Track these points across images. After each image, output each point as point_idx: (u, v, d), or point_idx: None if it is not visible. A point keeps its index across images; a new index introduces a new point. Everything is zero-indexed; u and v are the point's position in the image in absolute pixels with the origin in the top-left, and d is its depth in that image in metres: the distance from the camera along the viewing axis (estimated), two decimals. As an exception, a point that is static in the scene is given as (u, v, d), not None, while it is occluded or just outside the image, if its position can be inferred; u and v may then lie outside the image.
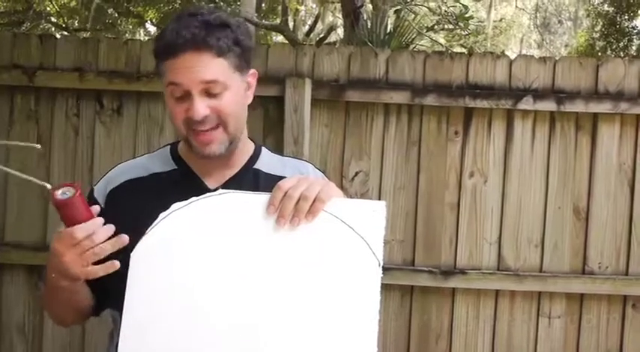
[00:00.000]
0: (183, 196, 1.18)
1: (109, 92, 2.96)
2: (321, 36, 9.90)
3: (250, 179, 1.37)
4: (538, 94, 2.92)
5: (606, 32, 10.81)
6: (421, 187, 2.97)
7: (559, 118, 2.96)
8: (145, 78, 2.89)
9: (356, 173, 2.98)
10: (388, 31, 5.11)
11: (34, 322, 2.98)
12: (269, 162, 1.41)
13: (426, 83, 2.95)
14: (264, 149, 1.44)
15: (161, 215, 1.17)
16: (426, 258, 2.96)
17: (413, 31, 5.30)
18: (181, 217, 1.17)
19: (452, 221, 2.97)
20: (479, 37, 11.16)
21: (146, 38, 10.70)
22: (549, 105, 2.91)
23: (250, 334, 1.12)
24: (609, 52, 10.63)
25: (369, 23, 5.63)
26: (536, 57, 3.04)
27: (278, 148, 2.72)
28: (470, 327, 2.97)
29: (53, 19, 10.83)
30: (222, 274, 1.14)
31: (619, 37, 10.61)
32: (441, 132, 2.97)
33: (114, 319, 1.34)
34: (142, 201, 1.27)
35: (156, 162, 1.39)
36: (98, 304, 1.35)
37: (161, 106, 2.91)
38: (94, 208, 1.17)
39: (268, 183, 1.25)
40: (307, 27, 11.12)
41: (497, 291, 2.97)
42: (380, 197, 2.93)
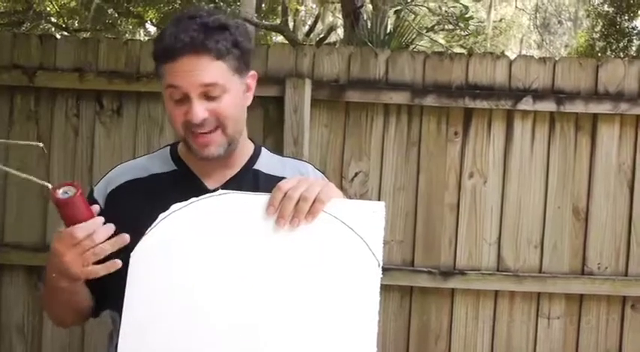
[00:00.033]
0: (183, 197, 1.19)
1: (109, 92, 2.96)
2: (321, 36, 9.90)
3: (250, 179, 1.37)
4: (538, 95, 2.92)
5: (606, 33, 10.81)
6: (421, 188, 2.97)
7: (559, 119, 2.96)
8: (145, 78, 2.89)
9: (355, 173, 2.98)
10: (388, 32, 5.11)
11: (34, 323, 2.98)
12: (269, 162, 1.41)
13: (426, 83, 2.96)
14: (263, 149, 1.44)
15: (161, 215, 1.17)
16: (426, 259, 2.96)
17: (413, 32, 5.30)
18: (181, 218, 1.17)
19: (451, 221, 2.97)
20: (478, 38, 11.16)
21: (146, 38, 10.69)
22: (549, 105, 2.92)
23: (250, 334, 1.12)
24: (609, 53, 10.64)
25: (369, 23, 5.63)
26: (535, 57, 3.04)
27: (278, 149, 2.72)
28: (469, 328, 2.97)
29: (53, 20, 10.83)
30: (221, 274, 1.14)
31: (619, 38, 10.62)
32: (441, 132, 2.97)
33: (113, 320, 1.34)
34: (142, 202, 1.27)
35: (156, 162, 1.39)
36: (98, 305, 1.35)
37: (161, 107, 2.91)
38: (94, 207, 1.17)
39: (268, 184, 1.25)
40: (307, 27, 11.12)
41: (496, 292, 2.97)
42: (379, 197, 2.93)
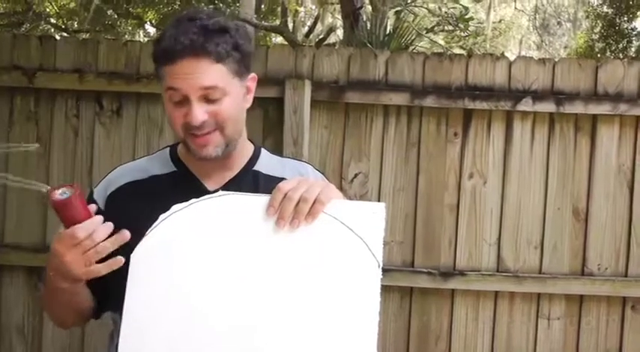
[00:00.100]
0: (182, 198, 1.18)
1: (109, 93, 2.96)
2: (321, 37, 9.89)
3: (250, 180, 1.36)
4: (537, 96, 2.92)
5: (605, 34, 10.81)
6: (420, 188, 2.97)
7: (558, 120, 2.96)
8: (145, 79, 2.89)
9: (355, 174, 2.98)
10: (388, 33, 5.10)
11: (34, 323, 2.98)
12: (268, 163, 1.41)
13: (426, 84, 2.96)
14: (263, 150, 1.44)
15: (161, 216, 1.17)
16: (426, 260, 2.96)
17: (412, 33, 5.29)
18: (181, 219, 1.17)
19: (451, 222, 2.97)
20: (478, 39, 11.15)
21: (146, 39, 10.68)
22: (549, 106, 2.92)
23: (250, 335, 1.12)
24: (608, 54, 10.64)
25: (369, 24, 5.62)
26: (535, 58, 3.05)
27: (277, 149, 2.73)
28: (469, 329, 2.97)
29: (53, 21, 10.82)
30: (221, 275, 1.14)
31: (618, 39, 10.62)
32: (441, 133, 2.97)
33: (114, 321, 1.34)
34: (142, 204, 1.27)
35: (155, 164, 1.39)
36: (99, 306, 1.35)
37: (160, 108, 2.91)
38: (92, 207, 1.17)
39: (268, 185, 1.25)
40: (307, 28, 11.11)
41: (496, 293, 2.97)
42: (379, 198, 2.93)
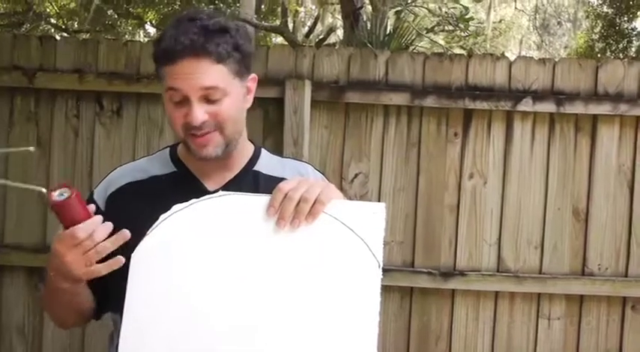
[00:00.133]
0: (183, 198, 1.18)
1: (109, 93, 2.96)
2: (321, 37, 9.89)
3: (250, 181, 1.36)
4: (537, 96, 2.92)
5: (606, 34, 10.82)
6: (421, 189, 2.97)
7: (558, 120, 2.96)
8: (145, 79, 2.89)
9: (355, 174, 2.98)
10: (388, 33, 5.09)
11: (34, 323, 2.98)
12: (268, 163, 1.41)
13: (426, 84, 2.96)
14: (263, 151, 1.44)
15: (162, 216, 1.17)
16: (426, 260, 2.96)
17: (412, 33, 5.28)
18: (182, 219, 1.17)
19: (451, 222, 2.97)
20: (478, 39, 11.15)
21: (146, 39, 10.68)
22: (549, 106, 2.92)
23: (250, 335, 1.12)
24: (609, 54, 10.64)
25: (369, 24, 5.62)
26: (535, 58, 3.05)
27: (277, 150, 2.73)
28: (469, 329, 2.97)
29: (53, 21, 10.82)
30: (222, 275, 1.14)
31: (618, 39, 10.62)
32: (441, 133, 2.97)
33: (114, 321, 1.34)
34: (142, 204, 1.27)
35: (155, 164, 1.39)
36: (99, 306, 1.35)
37: (161, 108, 2.91)
38: (91, 207, 1.17)
39: (268, 185, 1.25)
40: (307, 28, 11.11)
41: (496, 293, 2.97)
42: (379, 198, 2.93)
